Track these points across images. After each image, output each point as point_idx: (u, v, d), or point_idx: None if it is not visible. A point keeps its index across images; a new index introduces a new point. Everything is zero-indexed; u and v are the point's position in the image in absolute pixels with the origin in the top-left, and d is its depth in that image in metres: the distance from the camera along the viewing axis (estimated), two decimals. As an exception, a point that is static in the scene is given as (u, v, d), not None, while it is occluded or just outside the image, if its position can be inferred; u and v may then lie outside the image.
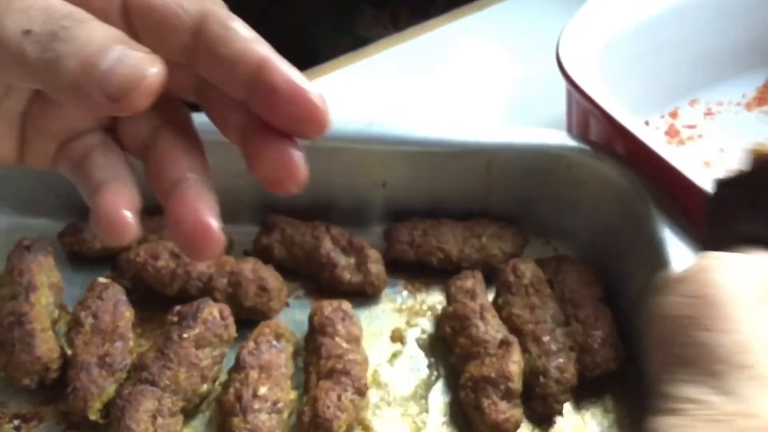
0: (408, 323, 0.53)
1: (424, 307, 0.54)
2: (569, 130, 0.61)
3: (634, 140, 0.50)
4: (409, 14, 1.03)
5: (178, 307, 0.47)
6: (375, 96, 0.73)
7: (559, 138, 0.53)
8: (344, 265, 0.53)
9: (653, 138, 0.50)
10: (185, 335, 0.45)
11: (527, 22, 0.83)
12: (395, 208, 0.56)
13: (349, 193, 0.55)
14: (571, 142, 0.53)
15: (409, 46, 0.81)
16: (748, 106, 0.70)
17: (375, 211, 0.56)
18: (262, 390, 0.44)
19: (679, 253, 0.46)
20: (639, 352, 0.49)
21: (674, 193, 0.49)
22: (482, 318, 0.49)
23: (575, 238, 0.56)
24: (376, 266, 0.53)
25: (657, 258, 0.47)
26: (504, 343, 0.47)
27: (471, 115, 0.70)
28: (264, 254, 0.54)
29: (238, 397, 0.43)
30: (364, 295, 0.53)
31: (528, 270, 0.52)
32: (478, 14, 0.87)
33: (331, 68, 0.78)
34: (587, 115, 0.55)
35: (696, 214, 0.48)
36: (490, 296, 0.53)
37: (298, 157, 0.26)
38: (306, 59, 0.87)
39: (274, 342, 0.47)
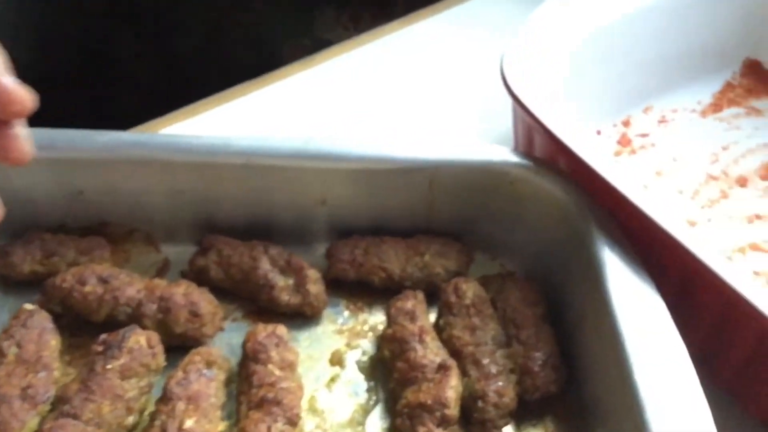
0: (348, 345, 0.51)
1: (366, 327, 0.52)
2: (516, 144, 0.59)
3: (574, 158, 0.49)
4: (370, 15, 1.02)
5: (103, 336, 0.45)
6: (330, 101, 0.72)
7: (501, 154, 0.52)
8: (282, 286, 0.51)
9: (594, 156, 0.49)
10: (109, 366, 0.44)
11: (491, 23, 0.82)
12: (338, 225, 0.55)
13: (290, 211, 0.54)
14: (513, 158, 0.52)
15: (369, 49, 0.79)
16: (703, 113, 0.69)
17: (317, 229, 0.55)
18: (189, 423, 0.42)
19: (617, 274, 0.46)
20: (581, 372, 0.48)
21: (615, 212, 0.48)
22: (421, 341, 0.48)
23: (522, 254, 0.55)
24: (315, 287, 0.51)
25: (596, 278, 0.46)
26: (442, 368, 0.46)
27: (427, 125, 0.69)
28: (200, 275, 0.52)
29: (163, 431, 0.42)
30: (304, 316, 0.52)
31: (470, 290, 0.51)
32: (440, 15, 0.86)
33: (285, 74, 0.76)
34: (531, 130, 0.54)
35: (636, 234, 0.47)
36: (434, 316, 0.52)
37: (10, 136, 0.33)
38: (266, 61, 0.85)
39: (205, 370, 0.45)
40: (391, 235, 0.55)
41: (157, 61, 0.95)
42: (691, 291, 0.46)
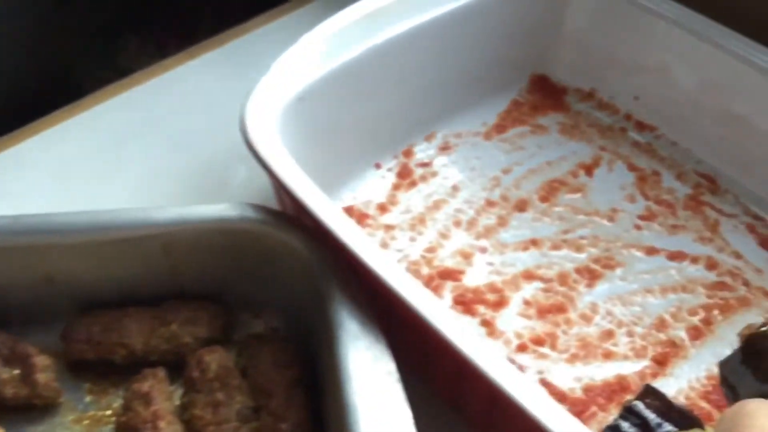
0: (85, 436, 0.47)
1: (109, 412, 0.48)
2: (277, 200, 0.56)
3: (313, 217, 0.46)
4: (175, 44, 0.97)
5: None
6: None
7: (240, 211, 0.49)
8: (6, 378, 0.46)
9: (330, 212, 0.46)
10: None
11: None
12: (80, 300, 0.50)
13: (17, 291, 0.49)
14: (252, 215, 0.49)
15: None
16: (487, 135, 0.68)
17: (55, 306, 0.50)
18: None
19: (350, 334, 0.43)
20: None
21: (355, 273, 0.46)
22: (155, 428, 0.44)
23: (281, 312, 0.52)
24: (43, 375, 0.47)
25: (332, 338, 0.44)
26: (174, 456, 0.43)
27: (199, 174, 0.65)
28: None
29: None
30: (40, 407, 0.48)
31: (214, 362, 0.47)
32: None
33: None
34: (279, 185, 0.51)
35: (373, 297, 0.45)
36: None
37: None
38: (67, 95, 0.79)
39: None
40: (144, 303, 0.51)
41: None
42: (427, 349, 0.44)
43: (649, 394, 0.46)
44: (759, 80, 0.61)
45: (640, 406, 0.45)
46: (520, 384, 0.39)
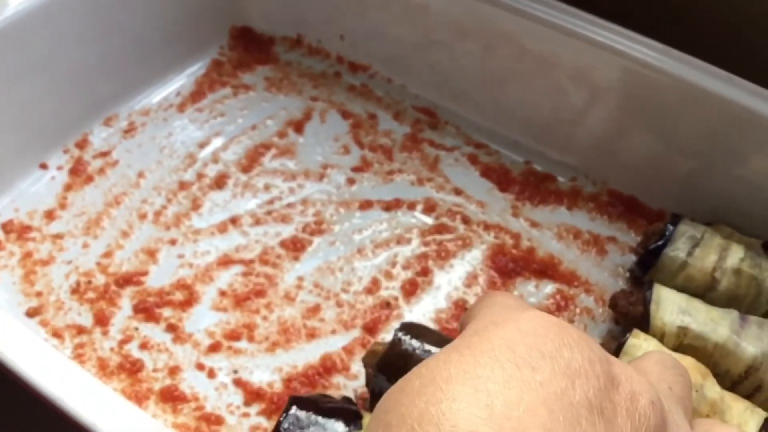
0: None
1: None
2: None
3: None
4: None
5: None
6: None
7: None
8: None
9: None
10: None
11: None
12: None
13: None
14: None
15: None
16: (182, 107, 0.60)
17: None
18: None
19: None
20: None
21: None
22: None
23: None
24: None
25: None
26: None
27: None
28: None
29: None
30: None
31: None
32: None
33: None
34: None
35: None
36: None
37: None
38: None
39: None
40: None
41: None
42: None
43: (295, 405, 0.40)
44: (447, 3, 0.56)
45: (285, 426, 0.39)
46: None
